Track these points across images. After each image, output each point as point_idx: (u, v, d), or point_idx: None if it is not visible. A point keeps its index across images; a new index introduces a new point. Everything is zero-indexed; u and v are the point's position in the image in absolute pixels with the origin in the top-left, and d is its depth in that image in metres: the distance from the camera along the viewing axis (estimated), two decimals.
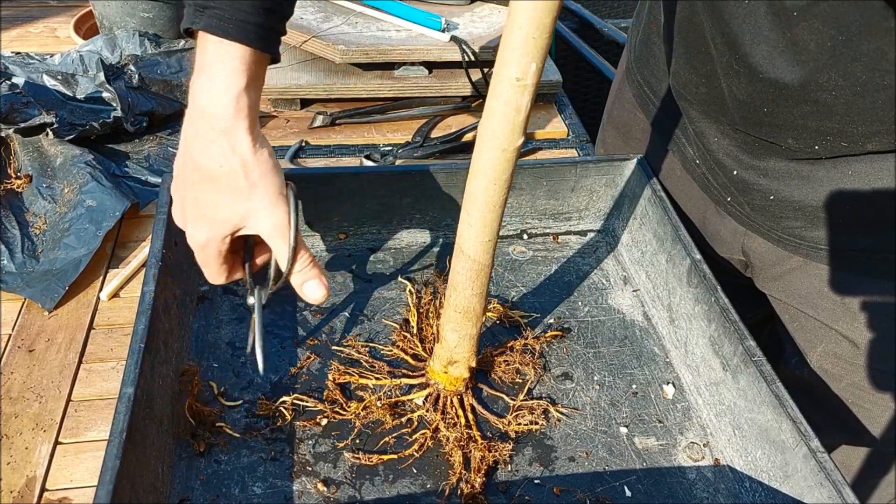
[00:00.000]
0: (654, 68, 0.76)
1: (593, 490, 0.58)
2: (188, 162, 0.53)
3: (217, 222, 0.53)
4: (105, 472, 0.45)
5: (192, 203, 0.54)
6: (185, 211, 0.55)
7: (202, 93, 0.51)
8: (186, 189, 0.54)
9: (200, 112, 0.51)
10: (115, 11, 1.24)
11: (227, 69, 0.50)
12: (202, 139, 0.51)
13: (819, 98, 0.54)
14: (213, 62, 0.50)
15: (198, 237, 0.54)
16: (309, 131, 1.13)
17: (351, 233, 0.79)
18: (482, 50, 1.14)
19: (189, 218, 0.55)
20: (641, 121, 0.83)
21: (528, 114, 0.46)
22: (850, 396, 0.69)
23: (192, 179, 0.53)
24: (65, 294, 0.81)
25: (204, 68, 0.50)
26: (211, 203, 0.53)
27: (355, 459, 0.59)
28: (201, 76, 0.51)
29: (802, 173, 0.62)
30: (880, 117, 0.53)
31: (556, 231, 0.84)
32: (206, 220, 0.53)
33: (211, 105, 0.50)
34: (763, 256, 0.71)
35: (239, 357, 0.66)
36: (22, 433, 0.69)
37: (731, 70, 0.60)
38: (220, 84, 0.50)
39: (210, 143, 0.51)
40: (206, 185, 0.52)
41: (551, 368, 0.68)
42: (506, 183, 0.49)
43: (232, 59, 0.50)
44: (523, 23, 0.41)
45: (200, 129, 0.51)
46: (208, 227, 0.54)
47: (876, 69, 0.50)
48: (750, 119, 0.62)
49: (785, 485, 0.55)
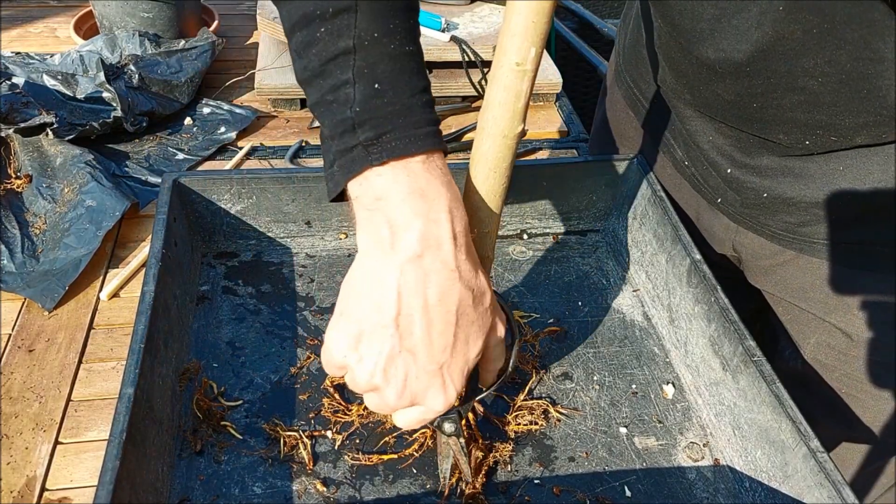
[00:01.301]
0: (643, 70, 0.76)
1: (593, 490, 0.58)
2: (422, 309, 0.43)
3: (472, 360, 0.46)
4: (105, 473, 0.45)
5: (440, 354, 0.44)
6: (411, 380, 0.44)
7: (435, 217, 0.42)
8: (424, 343, 0.43)
9: (436, 241, 0.42)
10: (115, 11, 1.24)
11: (439, 182, 0.43)
12: (450, 270, 0.43)
13: (806, 85, 0.54)
14: (426, 182, 0.43)
15: (444, 402, 0.45)
16: (309, 131, 1.13)
17: (351, 233, 0.79)
18: (482, 50, 1.14)
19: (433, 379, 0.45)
20: (632, 119, 0.83)
21: (527, 100, 0.46)
22: (843, 387, 0.70)
23: (437, 327, 0.43)
24: (65, 294, 0.81)
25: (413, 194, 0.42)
26: (464, 339, 0.44)
27: (355, 460, 0.59)
28: (423, 202, 0.42)
29: (795, 170, 0.63)
30: (866, 108, 0.53)
31: (556, 231, 0.84)
32: (462, 362, 0.45)
33: (449, 227, 0.43)
34: (755, 252, 0.72)
35: (239, 357, 0.66)
36: (22, 433, 0.69)
37: (715, 75, 0.60)
38: (446, 203, 0.43)
39: (462, 267, 0.43)
40: (461, 320, 0.44)
41: (551, 368, 0.68)
42: (506, 171, 0.49)
43: (437, 170, 0.43)
44: (524, 8, 0.41)
45: (447, 257, 0.43)
46: (462, 374, 0.45)
47: (860, 58, 0.50)
48: (741, 116, 0.62)
49: (785, 485, 0.55)
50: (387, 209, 0.42)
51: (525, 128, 0.48)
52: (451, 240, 0.43)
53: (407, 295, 0.42)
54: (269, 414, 0.62)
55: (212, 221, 0.75)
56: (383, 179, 0.42)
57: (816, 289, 0.67)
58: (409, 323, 0.43)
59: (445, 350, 0.44)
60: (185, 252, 0.71)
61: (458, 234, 0.43)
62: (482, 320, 0.46)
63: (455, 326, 0.44)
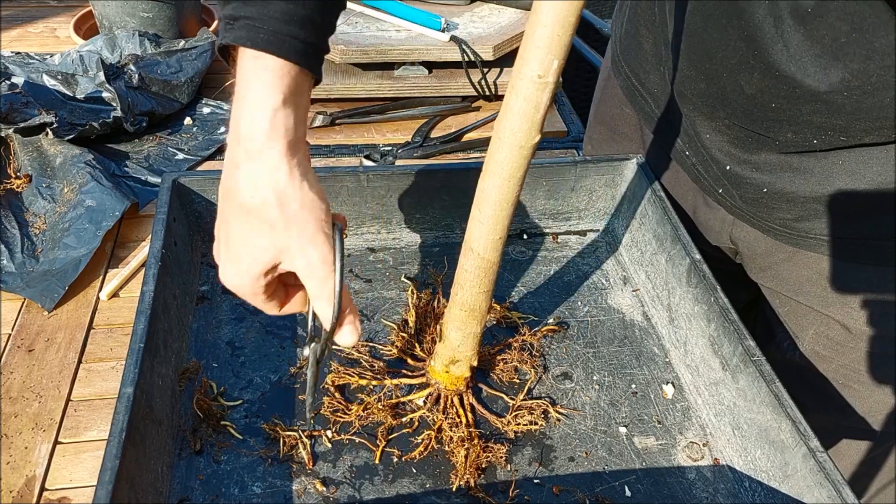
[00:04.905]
0: (643, 61, 0.76)
1: (593, 490, 0.58)
2: (223, 193, 0.48)
3: (247, 260, 0.47)
4: (105, 472, 0.45)
5: (224, 238, 0.49)
6: (219, 247, 0.49)
7: (236, 111, 0.45)
8: (221, 223, 0.49)
9: (234, 134, 0.46)
10: (115, 11, 1.24)
11: (259, 82, 0.44)
12: (232, 164, 0.46)
13: (831, 99, 0.55)
14: (246, 78, 0.45)
15: (228, 279, 0.49)
16: (309, 131, 1.13)
17: (351, 233, 0.79)
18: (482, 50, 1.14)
19: (221, 256, 0.49)
20: (629, 115, 0.83)
21: (546, 111, 0.46)
22: (839, 378, 0.71)
23: (225, 213, 0.48)
24: (64, 294, 0.81)
25: (238, 87, 0.45)
26: (240, 238, 0.47)
27: (355, 460, 0.59)
28: (237, 92, 0.45)
29: (794, 165, 0.63)
30: (885, 114, 0.54)
31: (556, 231, 0.84)
32: (236, 259, 0.48)
33: (242, 125, 0.45)
34: (752, 245, 0.72)
35: (238, 357, 0.66)
36: (21, 433, 0.69)
37: (746, 65, 0.60)
38: (251, 100, 0.45)
39: (239, 170, 0.46)
40: (240, 218, 0.47)
41: (551, 368, 0.68)
42: (520, 181, 0.49)
43: (264, 72, 0.44)
44: (549, 21, 0.41)
45: (233, 154, 0.46)
46: (238, 267, 0.48)
47: (887, 66, 0.51)
48: (753, 114, 0.62)
49: (784, 485, 0.55)
50: (235, 95, 0.46)
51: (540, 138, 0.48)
52: (237, 143, 0.45)
53: (221, 184, 0.48)
54: (269, 414, 0.62)
55: (212, 221, 0.74)
56: (238, 57, 0.46)
57: (814, 283, 0.68)
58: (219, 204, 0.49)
59: (219, 242, 0.49)
60: (184, 252, 0.71)
61: (241, 137, 0.45)
62: (258, 231, 0.47)
63: (225, 224, 0.48)
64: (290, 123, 0.45)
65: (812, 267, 0.68)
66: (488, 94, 1.19)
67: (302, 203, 0.46)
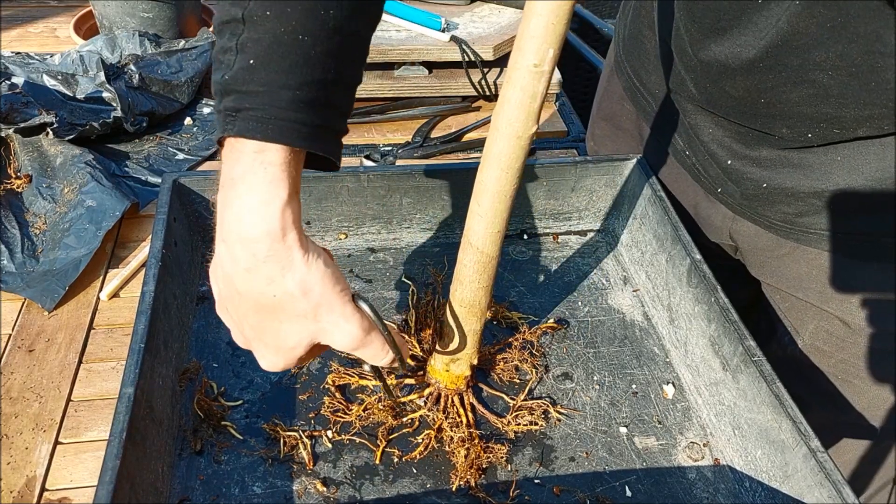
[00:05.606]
0: (645, 61, 0.76)
1: (593, 490, 0.58)
2: (234, 294, 0.46)
3: (287, 350, 0.47)
4: (105, 472, 0.45)
5: (252, 332, 0.48)
6: (247, 337, 0.49)
7: (236, 212, 0.43)
8: (240, 317, 0.48)
9: (237, 236, 0.43)
10: (115, 11, 1.24)
11: (262, 181, 0.42)
12: (243, 269, 0.44)
13: (816, 79, 0.55)
14: (244, 177, 0.42)
15: (268, 366, 0.49)
16: None
17: (351, 233, 0.79)
18: (482, 50, 1.14)
19: (254, 345, 0.49)
20: (630, 112, 0.83)
21: (542, 101, 0.46)
22: (839, 373, 0.71)
23: (243, 310, 0.47)
24: (65, 294, 0.81)
25: (236, 180, 0.43)
26: (274, 333, 0.46)
27: (355, 460, 0.59)
28: (233, 190, 0.43)
29: (794, 161, 0.63)
30: (872, 100, 0.54)
31: (556, 231, 0.84)
32: (274, 350, 0.48)
33: (250, 228, 0.43)
34: (752, 241, 0.72)
35: (239, 357, 0.66)
36: (22, 433, 0.69)
37: (726, 72, 0.61)
38: (255, 201, 0.42)
39: (254, 274, 0.44)
40: (263, 315, 0.46)
41: (551, 368, 0.68)
42: (518, 172, 0.49)
43: (270, 167, 0.42)
44: (544, 10, 0.41)
45: (240, 257, 0.44)
46: (278, 356, 0.48)
47: (871, 52, 0.51)
48: (746, 112, 0.63)
49: (785, 485, 0.55)
50: (225, 186, 0.44)
51: (537, 128, 0.48)
52: (238, 243, 0.44)
53: (224, 279, 0.47)
54: (269, 414, 0.62)
55: (212, 221, 0.75)
56: (226, 152, 0.44)
57: (814, 279, 0.68)
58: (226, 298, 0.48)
59: (241, 333, 0.49)
60: (185, 252, 0.71)
61: (247, 240, 0.43)
62: (289, 323, 0.46)
63: (243, 318, 0.47)
64: (297, 213, 0.44)
65: (812, 263, 0.68)
66: (488, 94, 1.19)
67: (323, 285, 0.45)
